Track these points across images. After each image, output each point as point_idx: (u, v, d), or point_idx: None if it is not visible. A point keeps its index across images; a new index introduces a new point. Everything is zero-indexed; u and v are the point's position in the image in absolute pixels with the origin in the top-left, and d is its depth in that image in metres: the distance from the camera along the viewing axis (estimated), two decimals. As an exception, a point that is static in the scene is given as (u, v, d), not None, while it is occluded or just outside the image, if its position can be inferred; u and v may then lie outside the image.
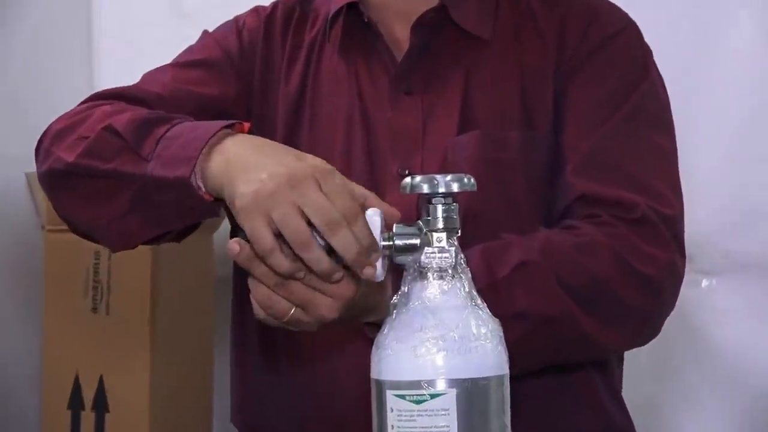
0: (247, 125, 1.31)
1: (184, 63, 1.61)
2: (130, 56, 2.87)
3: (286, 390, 1.56)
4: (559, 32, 1.57)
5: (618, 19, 1.60)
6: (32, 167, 1.48)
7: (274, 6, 1.66)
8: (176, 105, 1.49)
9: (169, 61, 1.63)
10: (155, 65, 1.63)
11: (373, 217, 1.18)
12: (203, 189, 1.27)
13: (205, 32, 1.66)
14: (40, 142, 1.47)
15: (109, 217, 1.38)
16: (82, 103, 1.50)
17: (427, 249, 1.11)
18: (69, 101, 1.55)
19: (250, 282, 1.22)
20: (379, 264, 1.18)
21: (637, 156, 1.51)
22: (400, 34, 1.59)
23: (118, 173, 1.34)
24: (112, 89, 1.53)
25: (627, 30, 1.59)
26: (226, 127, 1.29)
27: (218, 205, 1.28)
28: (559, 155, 1.52)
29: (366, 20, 1.58)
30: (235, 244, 1.19)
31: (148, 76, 1.59)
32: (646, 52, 1.60)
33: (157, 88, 1.54)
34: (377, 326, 1.16)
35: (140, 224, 1.37)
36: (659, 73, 1.60)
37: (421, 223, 1.13)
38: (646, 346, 1.52)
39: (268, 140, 1.28)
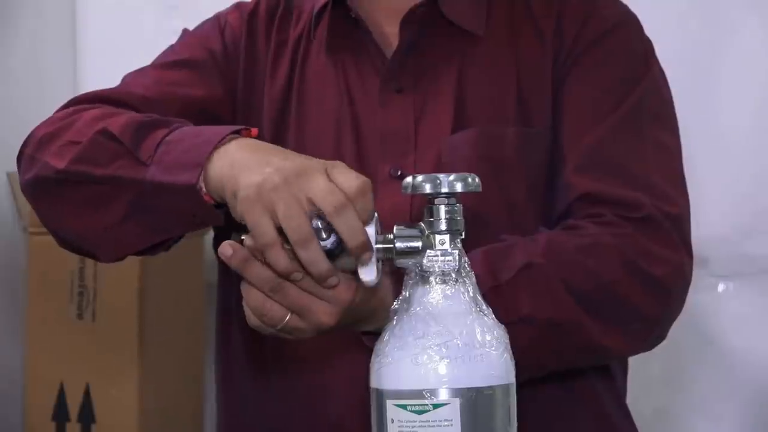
0: (255, 131, 1.31)
1: (166, 63, 1.61)
2: (115, 49, 2.86)
3: (275, 402, 1.57)
4: (556, 25, 1.57)
5: (617, 12, 1.61)
6: (13, 166, 1.47)
7: (256, 2, 1.66)
8: (162, 107, 1.49)
9: (156, 54, 1.64)
10: (142, 59, 1.63)
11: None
12: (204, 190, 1.27)
13: (186, 31, 1.66)
14: (22, 149, 1.46)
15: (105, 225, 1.37)
16: (63, 107, 1.50)
17: (429, 252, 1.12)
18: (52, 96, 1.54)
19: (243, 287, 1.22)
20: (373, 267, 1.18)
21: (639, 153, 1.52)
22: (389, 30, 1.59)
23: (115, 179, 1.34)
24: (94, 92, 1.52)
25: (627, 23, 1.60)
26: (234, 132, 1.29)
27: (220, 211, 1.28)
28: (558, 152, 1.53)
29: (353, 16, 1.59)
30: (228, 247, 1.20)
31: (130, 79, 1.59)
32: (647, 46, 1.61)
33: (141, 90, 1.54)
34: (375, 334, 1.16)
35: (137, 232, 1.36)
36: (661, 68, 1.61)
37: (423, 224, 1.14)
38: (658, 354, 1.53)
39: (275, 145, 1.28)
